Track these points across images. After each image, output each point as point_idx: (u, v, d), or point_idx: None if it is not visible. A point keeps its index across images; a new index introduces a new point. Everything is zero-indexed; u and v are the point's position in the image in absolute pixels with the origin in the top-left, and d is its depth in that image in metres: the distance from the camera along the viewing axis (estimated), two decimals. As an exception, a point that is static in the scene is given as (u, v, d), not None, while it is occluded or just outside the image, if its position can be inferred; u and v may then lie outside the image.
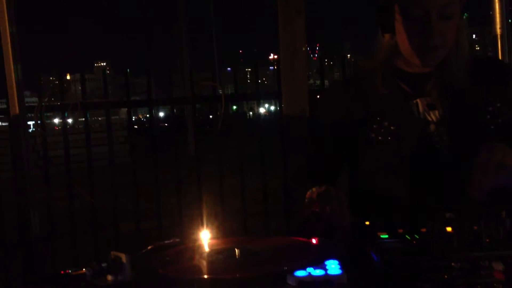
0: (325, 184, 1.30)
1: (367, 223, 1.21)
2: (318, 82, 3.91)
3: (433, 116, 1.43)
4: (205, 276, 0.95)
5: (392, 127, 1.44)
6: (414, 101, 1.45)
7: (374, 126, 1.45)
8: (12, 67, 2.60)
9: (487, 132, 1.41)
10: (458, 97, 1.43)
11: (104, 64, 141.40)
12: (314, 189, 1.28)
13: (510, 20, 2.31)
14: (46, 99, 3.42)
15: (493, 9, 2.27)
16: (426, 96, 1.45)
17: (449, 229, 1.06)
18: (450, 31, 1.37)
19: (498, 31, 2.25)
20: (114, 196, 3.55)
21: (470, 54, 1.46)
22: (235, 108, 4.01)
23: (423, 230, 1.09)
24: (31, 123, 3.52)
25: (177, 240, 1.17)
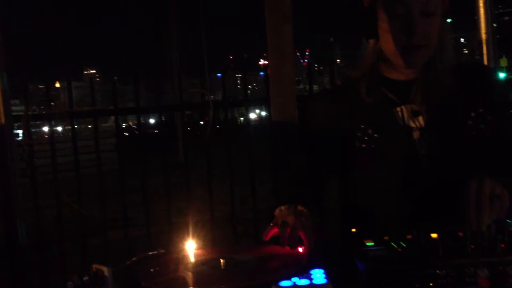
0: (305, 197, 1.35)
1: (354, 230, 1.21)
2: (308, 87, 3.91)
3: (417, 123, 1.43)
4: (189, 288, 0.94)
5: (376, 135, 1.44)
6: (399, 109, 1.45)
7: (358, 134, 1.45)
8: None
9: (469, 138, 1.41)
10: (441, 102, 1.43)
11: (94, 71, 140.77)
12: (283, 207, 1.30)
13: (494, 25, 2.32)
14: (33, 108, 3.40)
15: (477, 14, 2.28)
16: (411, 103, 1.45)
17: (434, 235, 1.05)
18: (432, 29, 1.37)
19: (483, 36, 2.26)
20: (103, 204, 3.52)
21: (454, 58, 1.46)
22: (225, 114, 4.02)
23: (409, 236, 1.08)
24: (20, 131, 3.50)
25: (162, 251, 1.16)
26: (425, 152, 1.41)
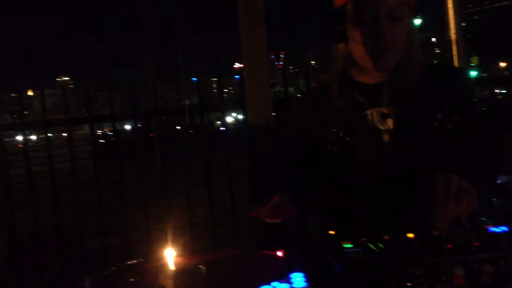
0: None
1: (332, 232, 1.23)
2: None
3: (387, 125, 1.45)
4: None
5: (346, 138, 1.46)
6: (369, 112, 1.47)
7: (330, 137, 1.47)
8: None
9: (435, 138, 1.42)
10: (410, 103, 1.45)
11: (67, 78, 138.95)
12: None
13: (463, 24, 2.37)
14: (5, 117, 3.35)
15: (446, 15, 2.32)
16: (381, 106, 1.47)
17: (410, 235, 1.07)
18: (400, 33, 1.39)
19: (453, 36, 2.31)
20: (79, 213, 3.48)
21: (423, 60, 1.48)
22: (201, 118, 4.01)
23: (386, 237, 1.10)
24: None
25: (141, 260, 1.15)
26: (394, 154, 1.43)
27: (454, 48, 2.19)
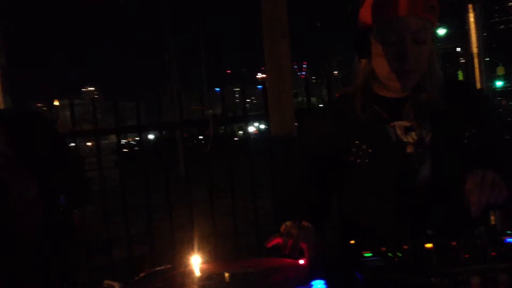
0: (307, 213, 1.42)
1: (352, 242, 1.26)
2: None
3: (411, 138, 1.49)
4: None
5: (370, 150, 1.49)
6: (391, 125, 1.51)
7: (353, 149, 1.51)
8: (2, 98, 2.63)
9: (465, 155, 1.48)
10: (436, 119, 1.50)
11: (93, 89, 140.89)
12: (288, 223, 1.36)
13: (485, 34, 2.38)
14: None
15: (469, 29, 2.34)
16: (403, 119, 1.51)
17: (429, 245, 1.10)
18: (423, 55, 1.45)
19: (475, 50, 2.32)
20: (106, 222, 3.56)
21: (443, 78, 1.53)
22: (224, 128, 4.09)
23: (405, 247, 1.13)
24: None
25: (169, 266, 1.20)
26: (419, 166, 1.47)
27: (476, 62, 2.21)
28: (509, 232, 1.24)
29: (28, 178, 1.82)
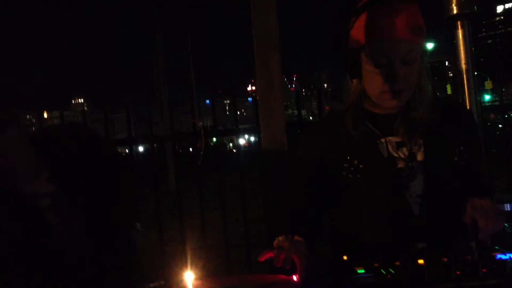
0: (300, 229, 1.42)
1: (345, 258, 1.27)
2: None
3: (402, 153, 1.52)
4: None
5: (361, 166, 1.51)
6: (383, 140, 1.53)
7: (345, 165, 1.53)
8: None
9: (455, 172, 1.52)
10: (427, 135, 1.53)
11: (82, 100, 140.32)
12: (280, 238, 1.36)
13: (473, 48, 2.41)
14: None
15: (457, 45, 2.37)
16: (394, 135, 1.53)
17: (421, 261, 1.11)
18: (412, 75, 1.48)
19: (463, 66, 2.36)
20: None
21: (432, 96, 1.57)
22: (215, 140, 4.10)
23: (397, 263, 1.14)
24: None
25: (162, 282, 1.20)
26: (410, 181, 1.49)
27: (465, 78, 2.23)
28: (497, 248, 1.26)
29: (72, 214, 1.64)
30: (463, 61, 2.36)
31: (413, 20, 1.42)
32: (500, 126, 3.74)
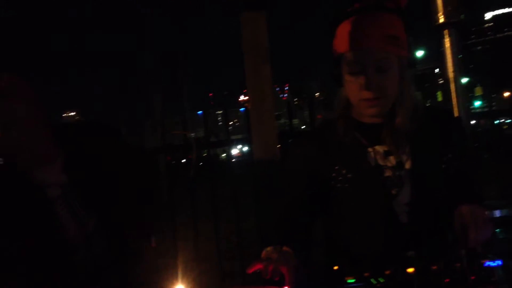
0: (290, 239, 1.42)
1: (336, 267, 1.28)
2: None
3: (389, 162, 1.53)
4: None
5: (349, 175, 1.53)
6: (370, 149, 1.55)
7: (334, 174, 1.54)
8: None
9: (443, 179, 1.53)
10: (415, 143, 1.54)
11: (74, 113, 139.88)
12: (268, 248, 1.37)
13: (460, 56, 2.42)
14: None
15: (444, 54, 2.40)
16: (382, 144, 1.55)
17: (410, 270, 1.12)
18: (388, 83, 1.49)
19: (451, 75, 2.38)
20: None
21: (416, 104, 1.56)
22: (208, 154, 4.12)
23: (387, 272, 1.15)
24: None
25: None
26: (398, 189, 1.50)
27: (453, 86, 2.25)
28: (489, 255, 1.27)
29: (85, 210, 1.59)
30: (450, 69, 2.38)
31: (387, 30, 1.44)
32: (491, 131, 3.76)
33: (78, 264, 1.60)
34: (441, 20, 2.35)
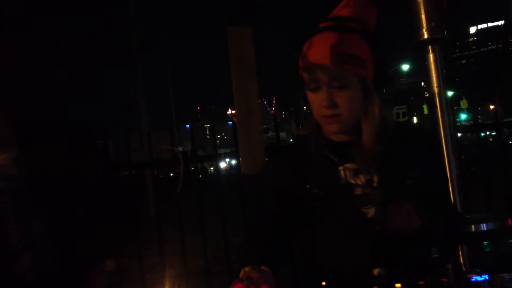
0: (267, 257, 1.42)
1: (324, 283, 1.28)
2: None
3: (359, 180, 1.53)
4: None
5: (321, 194, 1.53)
6: (341, 168, 1.55)
7: (305, 192, 1.55)
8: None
9: (408, 196, 1.51)
10: (382, 160, 1.53)
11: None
12: (247, 268, 1.35)
13: (444, 70, 2.45)
14: None
15: (429, 69, 2.42)
16: (351, 162, 1.55)
17: (398, 285, 1.12)
18: (347, 100, 1.48)
19: (435, 89, 2.40)
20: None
21: (389, 122, 1.56)
22: (195, 168, 4.13)
23: (375, 288, 1.15)
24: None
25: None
26: (368, 207, 1.51)
27: (437, 100, 2.27)
28: (478, 270, 1.28)
29: (33, 213, 1.38)
30: (435, 84, 2.41)
31: (344, 48, 1.44)
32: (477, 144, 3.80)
33: (17, 275, 1.37)
34: (425, 36, 2.37)
